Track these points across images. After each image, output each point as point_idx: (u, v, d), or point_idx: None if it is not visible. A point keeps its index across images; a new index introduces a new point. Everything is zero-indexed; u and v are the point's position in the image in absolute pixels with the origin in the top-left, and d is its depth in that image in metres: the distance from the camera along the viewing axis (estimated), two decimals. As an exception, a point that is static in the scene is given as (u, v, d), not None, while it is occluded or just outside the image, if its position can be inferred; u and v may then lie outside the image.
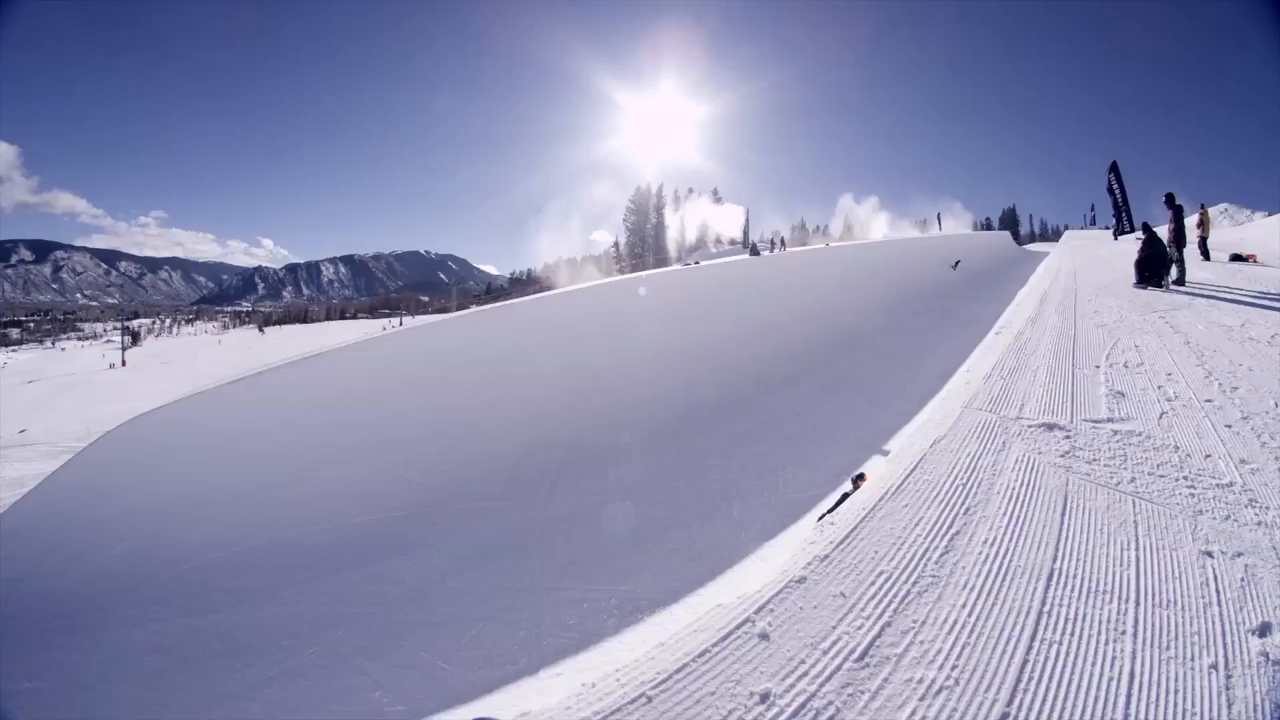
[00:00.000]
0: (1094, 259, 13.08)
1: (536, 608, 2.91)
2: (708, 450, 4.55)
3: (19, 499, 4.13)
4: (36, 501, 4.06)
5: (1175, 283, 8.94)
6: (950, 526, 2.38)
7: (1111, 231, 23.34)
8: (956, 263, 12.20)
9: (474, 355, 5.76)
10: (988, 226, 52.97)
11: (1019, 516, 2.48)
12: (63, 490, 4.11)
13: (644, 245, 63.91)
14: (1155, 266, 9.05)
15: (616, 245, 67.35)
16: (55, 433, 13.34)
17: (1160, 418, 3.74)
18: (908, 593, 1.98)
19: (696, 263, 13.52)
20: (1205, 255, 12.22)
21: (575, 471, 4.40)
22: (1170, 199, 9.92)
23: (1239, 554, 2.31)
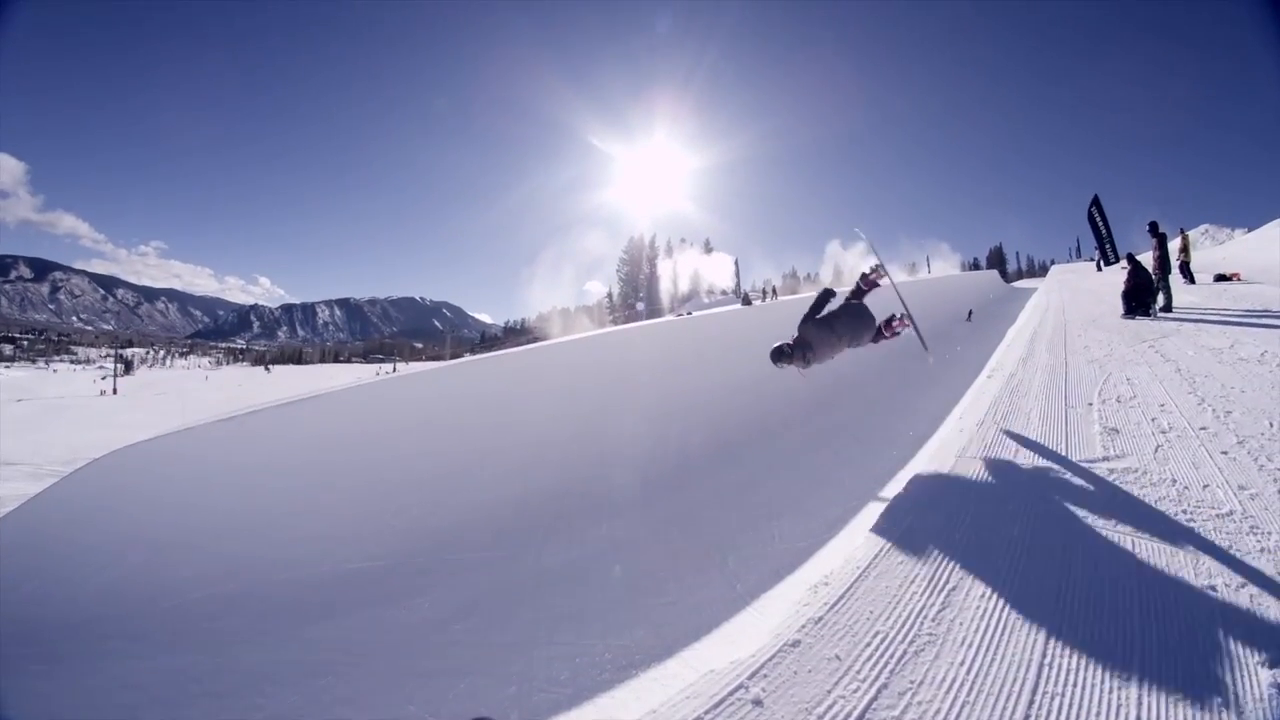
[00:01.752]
0: (1081, 292, 13.29)
1: (528, 661, 2.83)
2: (701, 501, 4.53)
3: None
4: (16, 522, 3.97)
5: (1163, 310, 9.08)
6: (947, 581, 2.38)
7: (1095, 263, 23.89)
8: (970, 313, 12.38)
9: (467, 404, 5.79)
10: (975, 266, 53.94)
11: (1017, 568, 2.48)
12: (45, 514, 4.02)
13: (637, 295, 64.94)
14: (1142, 296, 9.21)
15: (610, 295, 68.59)
16: (40, 455, 13.08)
17: (1155, 451, 3.75)
18: (904, 653, 1.97)
19: (689, 313, 13.73)
20: (1190, 279, 12.43)
21: (568, 523, 4.37)
22: (1154, 227, 10.21)
23: (1243, 584, 2.30)
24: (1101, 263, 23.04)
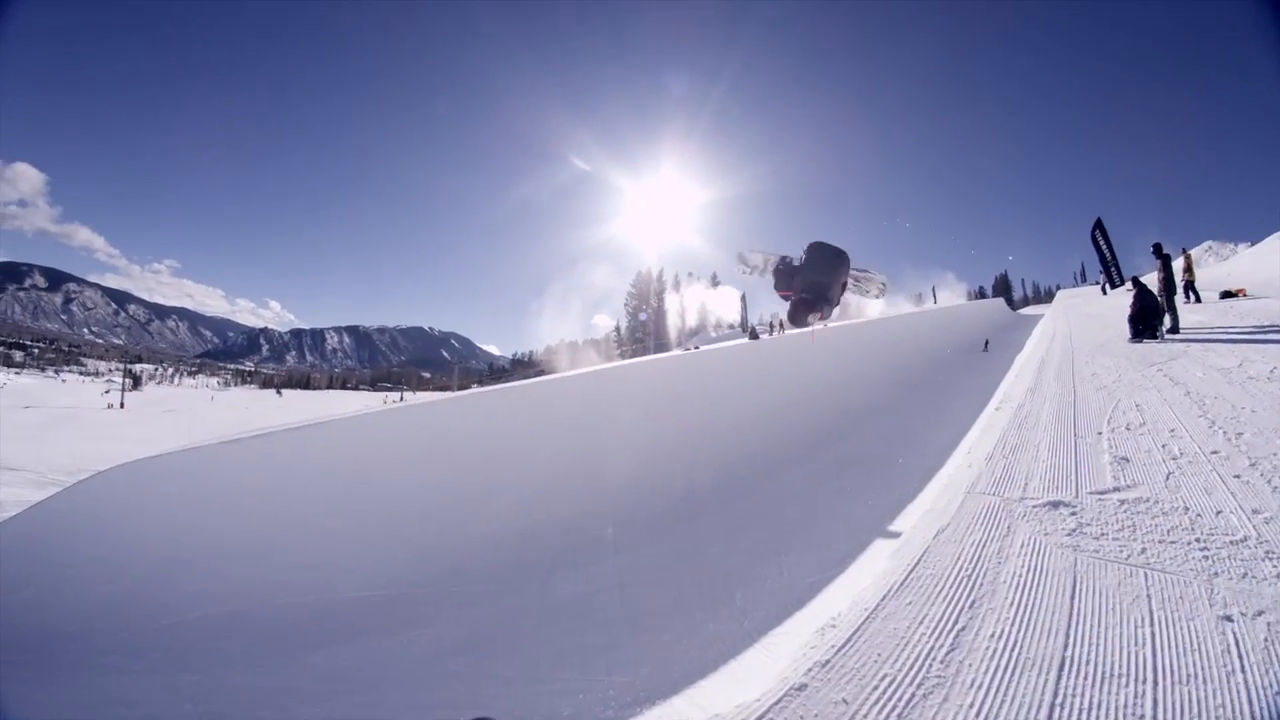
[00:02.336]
0: (1088, 317, 13.26)
1: (530, 697, 2.77)
2: (709, 535, 4.49)
3: None
4: (17, 528, 3.92)
5: (1169, 331, 9.05)
6: (955, 622, 2.36)
7: (1101, 287, 23.88)
8: (986, 343, 12.40)
9: (474, 436, 5.78)
10: (981, 295, 53.94)
11: (1027, 605, 2.45)
12: (46, 522, 3.98)
13: (644, 329, 65.11)
14: (1148, 318, 9.21)
15: (618, 329, 68.77)
16: (45, 463, 12.97)
17: (1167, 479, 3.72)
18: (912, 696, 1.95)
19: (696, 347, 13.78)
20: (1195, 297, 12.41)
21: (573, 557, 4.33)
22: (1158, 249, 10.29)
23: (1260, 612, 2.26)
24: (1107, 286, 23.05)
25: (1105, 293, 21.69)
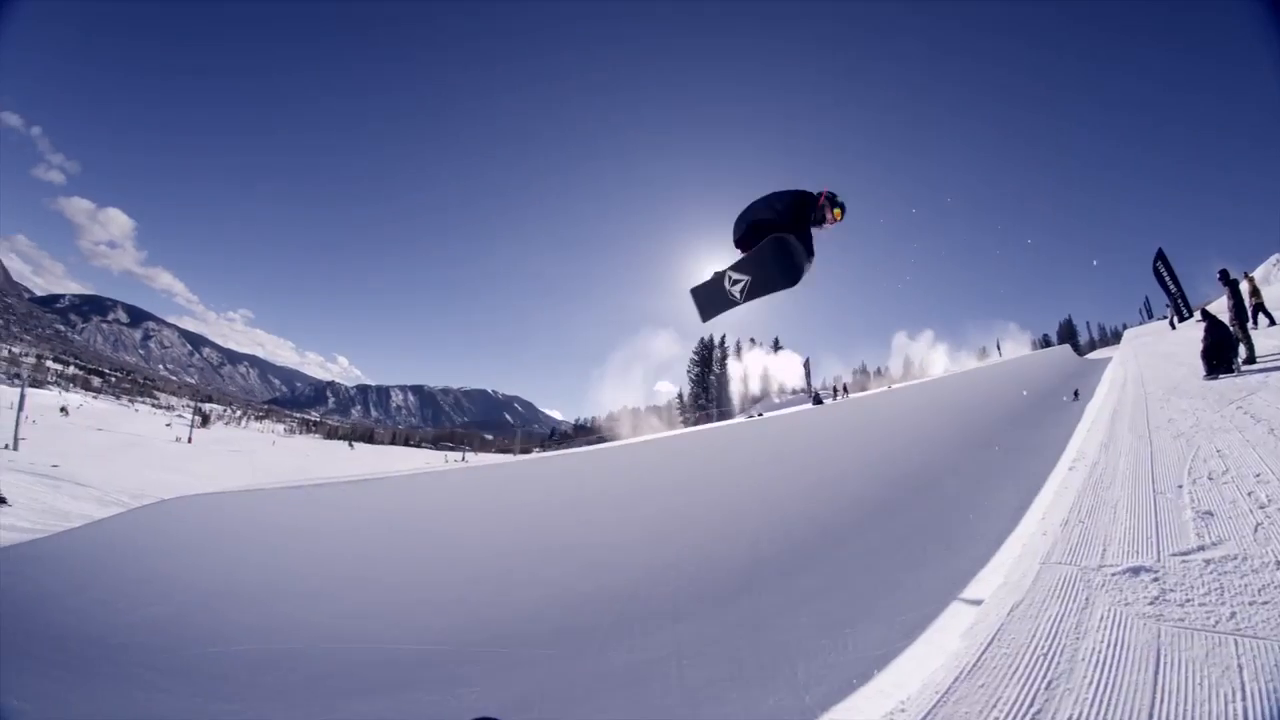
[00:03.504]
0: (1158, 357, 12.62)
1: None
2: (772, 605, 4.39)
3: (61, 531, 4.10)
4: (76, 539, 4.05)
5: (1245, 363, 8.57)
6: (1031, 705, 2.32)
7: (1169, 321, 22.60)
8: (1076, 392, 11.99)
9: (535, 499, 5.84)
10: (1046, 343, 51.64)
11: (1106, 684, 2.39)
12: (107, 539, 4.12)
13: (707, 396, 64.41)
14: (1222, 352, 8.77)
15: (680, 396, 68.19)
16: (110, 484, 13.18)
17: (1255, 531, 3.54)
18: (991, 792, 1.94)
19: (760, 414, 13.67)
20: (1269, 320, 11.70)
21: (631, 625, 4.25)
22: (1224, 275, 9.90)
23: (1368, 680, 2.15)
24: (1175, 320, 21.86)
25: (1174, 327, 20.57)
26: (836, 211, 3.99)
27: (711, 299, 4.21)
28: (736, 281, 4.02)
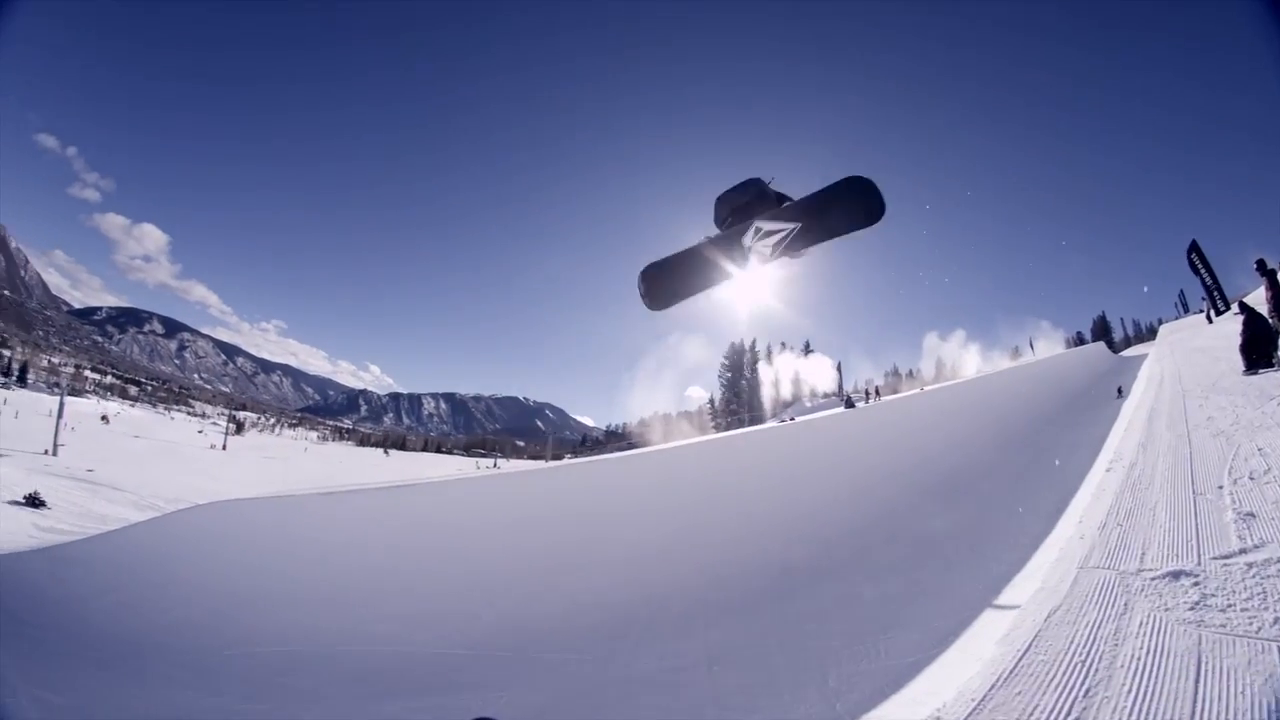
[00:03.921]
0: (1195, 352, 12.28)
1: None
2: (803, 612, 4.38)
3: (99, 534, 4.21)
4: (113, 541, 4.16)
5: (1288, 357, 8.30)
6: (1069, 713, 2.33)
7: (1205, 314, 21.87)
8: (1120, 389, 11.77)
9: (567, 505, 5.89)
10: (1080, 340, 50.21)
11: (1146, 692, 2.38)
12: (142, 541, 4.23)
13: (739, 401, 64.08)
14: (1262, 346, 8.53)
15: (711, 401, 67.93)
16: (147, 489, 13.53)
17: (1300, 533, 3.47)
18: (1030, 800, 1.96)
19: (792, 418, 13.62)
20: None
21: (661, 630, 4.27)
22: (1261, 265, 9.58)
23: None
24: (1211, 313, 21.17)
25: (1211, 320, 19.93)
26: None
27: (688, 273, 3.42)
28: (771, 234, 3.25)
